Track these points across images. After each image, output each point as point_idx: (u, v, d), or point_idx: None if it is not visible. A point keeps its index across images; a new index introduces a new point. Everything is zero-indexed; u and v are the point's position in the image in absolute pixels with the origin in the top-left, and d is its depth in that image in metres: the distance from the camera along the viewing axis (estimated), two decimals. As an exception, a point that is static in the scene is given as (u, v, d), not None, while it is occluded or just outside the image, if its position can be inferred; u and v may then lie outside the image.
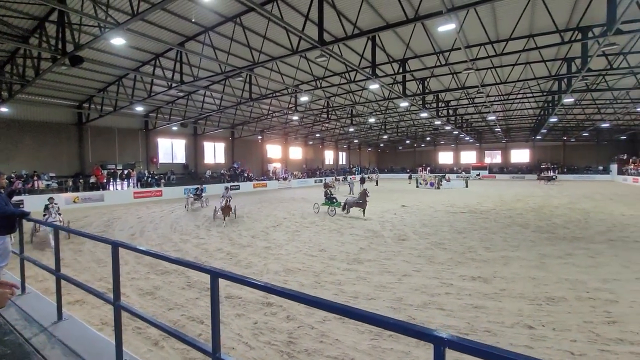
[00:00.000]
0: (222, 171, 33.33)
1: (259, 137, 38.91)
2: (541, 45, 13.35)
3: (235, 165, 35.39)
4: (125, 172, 24.59)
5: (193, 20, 12.63)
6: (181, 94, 22.86)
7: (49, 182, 20.50)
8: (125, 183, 24.22)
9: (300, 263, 8.24)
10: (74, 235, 10.18)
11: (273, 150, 43.22)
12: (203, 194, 20.98)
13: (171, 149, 31.15)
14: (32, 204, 15.98)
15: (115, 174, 23.97)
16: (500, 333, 4.71)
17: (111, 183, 23.31)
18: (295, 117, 30.54)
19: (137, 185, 24.80)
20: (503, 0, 9.40)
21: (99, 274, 7.44)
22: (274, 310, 5.46)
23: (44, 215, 10.62)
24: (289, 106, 25.87)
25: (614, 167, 42.47)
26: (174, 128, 29.15)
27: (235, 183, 32.35)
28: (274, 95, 22.82)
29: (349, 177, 37.43)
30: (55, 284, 3.84)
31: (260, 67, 17.14)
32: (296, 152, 47.57)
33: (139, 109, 23.50)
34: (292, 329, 4.87)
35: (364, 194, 15.80)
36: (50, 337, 3.33)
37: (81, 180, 21.70)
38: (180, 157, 31.97)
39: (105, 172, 23.66)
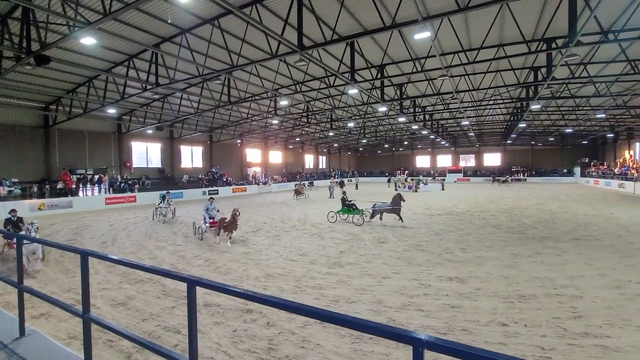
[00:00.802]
0: (200, 175, 32.59)
1: (238, 141, 38.38)
2: (510, 54, 14.05)
3: (213, 170, 34.68)
4: (96, 177, 23.50)
5: (169, 21, 12.34)
6: (157, 97, 22.20)
7: (11, 188, 19.26)
8: (96, 189, 23.14)
9: (280, 268, 8.16)
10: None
11: (253, 154, 42.73)
12: (170, 201, 16.55)
13: (146, 153, 30.12)
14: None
15: (85, 179, 22.84)
16: (476, 331, 4.86)
17: (81, 189, 22.18)
18: (275, 121, 30.40)
19: (109, 190, 23.76)
20: (474, 11, 9.81)
21: (67, 285, 7.04)
22: (254, 317, 5.37)
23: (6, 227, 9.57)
24: (269, 110, 25.73)
25: (577, 170, 45.09)
26: (149, 131, 28.22)
27: (214, 188, 31.71)
28: (254, 98, 22.62)
29: (329, 181, 37.58)
30: (18, 297, 3.60)
31: (239, 71, 16.95)
32: (276, 156, 47.27)
33: (112, 111, 22.60)
34: (272, 335, 4.81)
35: (398, 198, 14.06)
36: (10, 354, 3.11)
37: (47, 186, 20.52)
38: (155, 162, 30.96)
39: (74, 177, 22.51)
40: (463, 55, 15.09)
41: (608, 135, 40.02)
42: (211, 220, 11.91)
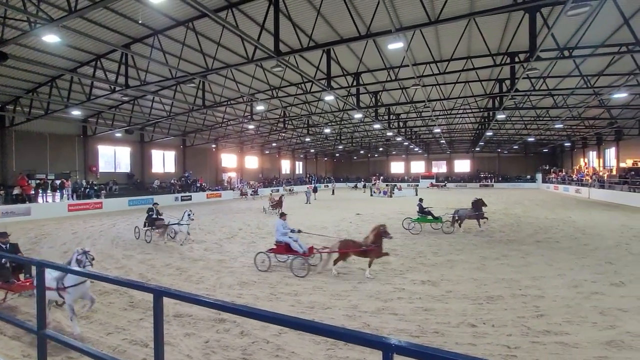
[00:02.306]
0: (172, 181, 31.52)
1: (213, 146, 37.60)
2: (477, 66, 14.82)
3: (186, 175, 33.68)
4: (58, 182, 22.09)
5: (140, 21, 11.96)
6: (126, 99, 21.35)
7: (-40, 195, 17.70)
8: (58, 195, 21.75)
9: (255, 275, 8.02)
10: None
11: (228, 159, 41.96)
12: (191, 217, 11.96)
13: (114, 157, 28.77)
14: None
15: (45, 184, 21.40)
16: (447, 333, 5.00)
17: (40, 195, 20.75)
18: (251, 126, 30.07)
19: (72, 197, 22.40)
20: (444, 24, 10.29)
21: (22, 300, 6.53)
22: (227, 327, 5.23)
23: None
24: (245, 115, 25.46)
25: (539, 176, 47.96)
26: (118, 134, 27.02)
27: (187, 193, 30.77)
28: (229, 103, 22.31)
29: (306, 187, 37.54)
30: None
31: (215, 74, 16.68)
32: (252, 162, 46.69)
33: (76, 113, 21.45)
34: (246, 345, 4.70)
35: (480, 203, 13.25)
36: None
37: (1, 192, 19.03)
38: (124, 166, 29.62)
39: (32, 182, 21.04)
40: (434, 65, 15.71)
41: (566, 144, 43.00)
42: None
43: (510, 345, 4.63)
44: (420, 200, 14.54)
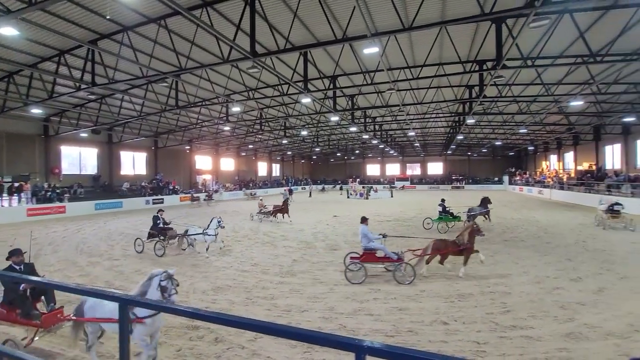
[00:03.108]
0: (143, 183, 30.27)
1: (187, 147, 36.49)
2: (448, 72, 15.39)
3: (158, 177, 32.47)
4: (16, 185, 20.59)
5: (108, 17, 11.42)
6: (93, 97, 20.27)
7: None
8: (16, 198, 20.26)
9: (230, 279, 7.86)
10: None
11: (203, 161, 40.90)
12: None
13: (79, 159, 27.22)
14: None
15: (1, 187, 19.88)
16: (420, 332, 5.14)
17: (-6, 198, 19.26)
18: (226, 128, 29.50)
19: (31, 200, 20.95)
20: (417, 31, 10.62)
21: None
22: (200, 334, 5.08)
23: None
24: (220, 116, 24.94)
25: (505, 178, 50.44)
26: (84, 135, 25.61)
27: (159, 196, 29.67)
28: (204, 103, 21.78)
29: (283, 189, 37.19)
30: None
31: (189, 74, 16.23)
32: (228, 164, 45.79)
33: (37, 111, 20.13)
34: (220, 351, 4.59)
35: (486, 200, 15.18)
36: None
37: (-51, 196, 17.48)
38: (90, 168, 28.11)
39: (-15, 185, 19.49)
40: (408, 71, 16.16)
41: (529, 148, 45.59)
42: None
43: (479, 341, 4.82)
44: (442, 201, 14.82)
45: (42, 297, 4.81)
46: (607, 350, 4.50)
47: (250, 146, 43.81)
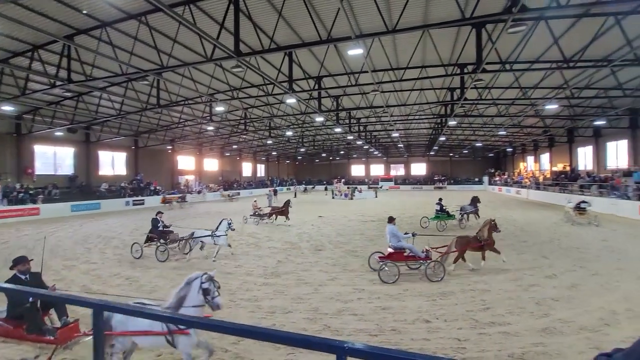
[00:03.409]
0: (123, 184, 29.36)
1: (169, 147, 35.68)
2: (431, 75, 15.70)
3: (138, 177, 31.58)
4: (-16, 186, 19.58)
5: (85, 12, 11.03)
6: (69, 94, 19.50)
7: None
8: (-16, 200, 19.27)
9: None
10: None
11: (185, 162, 40.08)
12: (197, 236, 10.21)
13: (54, 158, 26.13)
14: None
15: (-33, 188, 18.86)
16: (403, 330, 5.22)
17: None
18: (210, 127, 29.03)
19: (2, 202, 19.96)
20: (401, 34, 10.79)
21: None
22: (182, 338, 4.97)
23: None
24: (204, 115, 24.52)
25: (485, 178, 51.93)
26: (59, 133, 24.61)
27: (139, 197, 28.87)
28: (187, 102, 21.35)
29: (267, 190, 36.91)
30: None
31: (171, 72, 15.89)
32: (212, 164, 45.05)
33: (8, 108, 19.18)
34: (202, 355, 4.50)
35: (475, 200, 16.11)
36: None
37: None
38: (66, 168, 27.03)
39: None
40: (392, 73, 16.38)
41: (508, 150, 47.09)
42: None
43: (460, 338, 4.94)
44: (440, 200, 15.75)
45: (51, 309, 4.45)
46: (580, 344, 4.70)
47: (235, 146, 43.27)
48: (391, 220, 8.33)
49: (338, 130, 30.29)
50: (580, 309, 5.89)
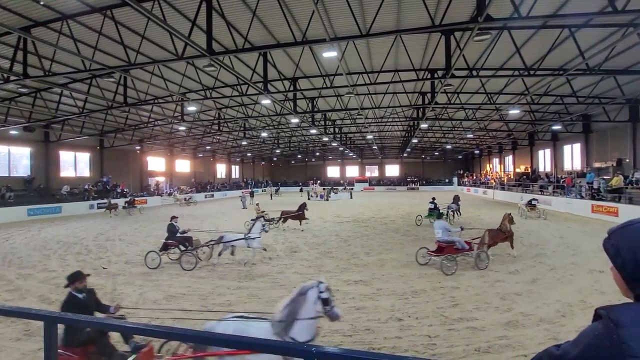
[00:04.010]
0: (87, 186, 27.73)
1: (137, 148, 34.14)
2: (403, 79, 16.15)
3: (104, 180, 29.97)
4: None
5: (42, 2, 10.34)
6: (25, 90, 18.18)
7: None
8: None
9: (185, 287, 7.50)
10: None
11: (155, 163, 38.54)
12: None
13: (8, 159, 24.22)
14: None
15: None
16: (377, 329, 5.31)
17: None
18: (182, 127, 28.12)
19: (-55, 206, 18.22)
20: (374, 38, 11.03)
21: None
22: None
23: None
24: (175, 115, 23.70)
25: (455, 179, 54.09)
26: (14, 132, 22.86)
27: (105, 200, 27.38)
28: (156, 101, 20.54)
29: (241, 192, 36.28)
30: None
31: (139, 69, 15.25)
32: (184, 165, 43.64)
33: (-47, 104, 17.57)
34: (173, 364, 4.34)
35: (457, 198, 18.06)
36: None
37: None
38: (22, 169, 25.16)
39: None
40: (366, 76, 16.68)
41: (476, 152, 49.34)
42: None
43: (431, 334, 5.10)
44: (433, 199, 17.34)
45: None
46: (540, 335, 5.00)
47: (208, 147, 42.18)
48: (440, 217, 9.90)
49: (313, 131, 30.37)
50: (540, 302, 6.27)
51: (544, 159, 31.92)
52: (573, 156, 27.37)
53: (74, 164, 29.14)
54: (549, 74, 14.78)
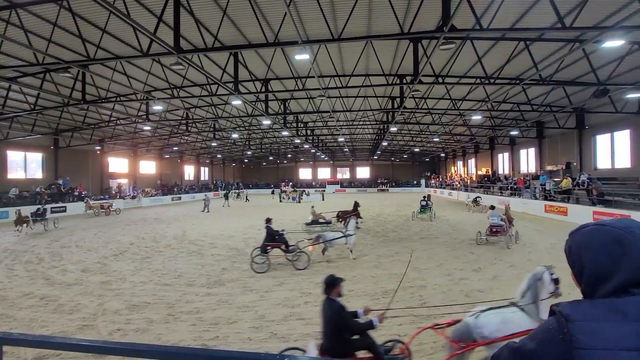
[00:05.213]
0: (39, 189, 25.58)
1: (97, 148, 32.06)
2: (374, 83, 16.54)
3: (59, 182, 27.81)
4: None
5: (-11, -11, 9.46)
6: (-35, 84, 16.49)
7: None
8: None
9: (149, 295, 7.14)
10: None
11: (117, 164, 36.41)
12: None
13: (-57, 159, 21.78)
14: None
15: None
16: (348, 330, 5.36)
17: None
18: (147, 127, 26.83)
19: None
20: (345, 42, 11.20)
21: None
22: (111, 360, 4.48)
23: None
24: (139, 114, 22.59)
25: (423, 181, 56.12)
26: (-50, 129, 20.62)
27: (60, 204, 25.45)
28: (119, 99, 19.45)
29: (204, 194, 35.08)
30: None
31: (99, 65, 14.37)
32: (149, 167, 41.62)
33: None
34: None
35: (428, 197, 20.16)
36: None
37: None
38: (-40, 170, 22.72)
39: None
40: (338, 79, 16.90)
41: (441, 155, 51.56)
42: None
43: (400, 333, 5.24)
44: (424, 197, 20.06)
45: None
46: (499, 329, 5.29)
47: (175, 148, 40.54)
48: (493, 207, 12.64)
49: (285, 133, 30.19)
50: (500, 298, 6.63)
51: (503, 162, 33.98)
52: (529, 159, 29.40)
53: (24, 164, 26.80)
54: (507, 82, 15.79)
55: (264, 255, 9.10)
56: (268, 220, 9.91)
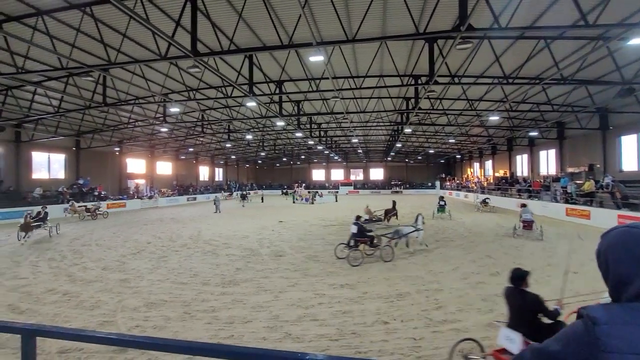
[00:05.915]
0: (62, 189, 26.56)
1: (117, 149, 33.04)
2: (388, 84, 16.40)
3: (80, 182, 28.79)
4: None
5: (17, -3, 9.90)
6: (-5, 88, 17.31)
7: None
8: None
9: (166, 294, 7.28)
10: None
11: (135, 165, 37.42)
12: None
13: (-26, 159, 22.90)
14: None
15: None
16: (363, 333, 5.32)
17: None
18: (164, 129, 27.48)
19: None
20: (360, 43, 11.15)
21: None
22: (129, 356, 4.59)
23: None
24: (157, 116, 23.15)
25: (437, 183, 55.23)
26: (-19, 131, 21.64)
27: (81, 203, 26.29)
28: (138, 102, 19.99)
29: (215, 195, 35.68)
30: None
31: (119, 69, 14.82)
32: (165, 167, 42.58)
33: None
34: (154, 374, 4.20)
35: (441, 199, 22.23)
36: None
37: None
38: (-10, 171, 23.82)
39: None
40: (352, 80, 16.84)
41: (457, 156, 50.62)
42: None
43: (416, 337, 5.15)
44: (441, 198, 22.28)
45: None
46: (519, 335, 5.13)
47: (191, 149, 41.34)
48: (524, 205, 14.77)
49: (299, 135, 30.32)
50: (520, 303, 6.44)
51: (522, 164, 33.07)
52: (548, 161, 28.50)
53: (48, 165, 27.88)
54: (526, 82, 15.37)
55: (357, 250, 9.89)
56: (357, 218, 10.88)
